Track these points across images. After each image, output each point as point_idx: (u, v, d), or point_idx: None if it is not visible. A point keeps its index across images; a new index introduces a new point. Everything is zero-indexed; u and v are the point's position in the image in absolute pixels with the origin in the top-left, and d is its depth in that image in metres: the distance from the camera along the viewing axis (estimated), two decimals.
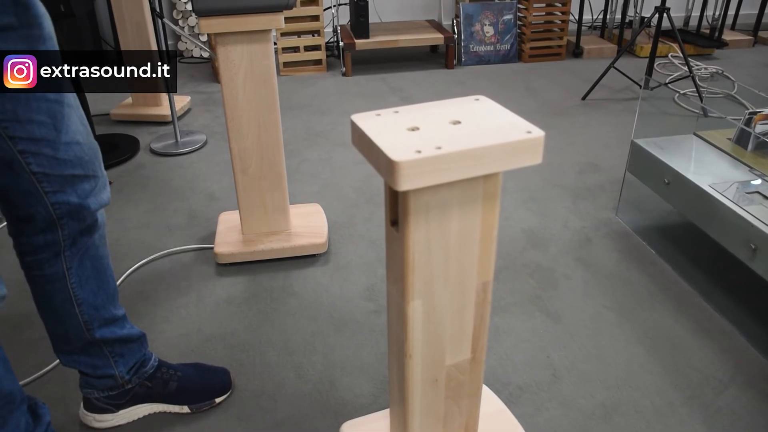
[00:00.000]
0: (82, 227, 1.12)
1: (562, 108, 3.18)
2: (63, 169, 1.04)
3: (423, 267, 0.91)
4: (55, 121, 1.01)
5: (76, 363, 1.27)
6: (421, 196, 0.84)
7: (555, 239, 2.04)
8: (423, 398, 1.07)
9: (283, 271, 1.89)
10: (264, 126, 1.79)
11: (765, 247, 1.53)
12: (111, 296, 1.23)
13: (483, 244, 0.94)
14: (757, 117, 1.95)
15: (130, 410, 1.37)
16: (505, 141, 0.82)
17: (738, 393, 1.46)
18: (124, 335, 1.28)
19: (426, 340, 0.99)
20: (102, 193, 1.13)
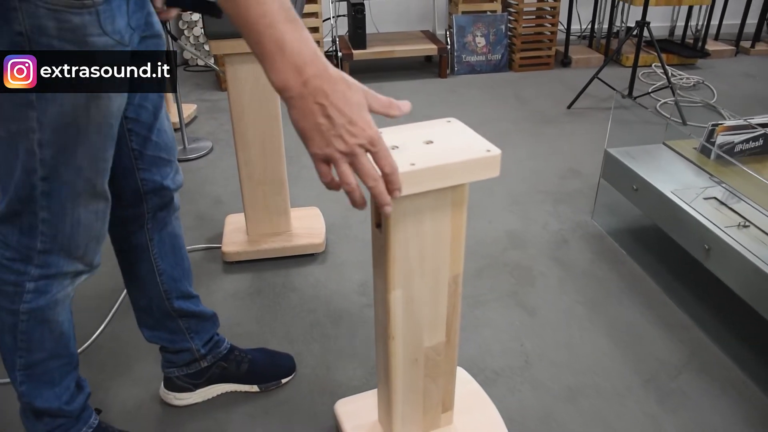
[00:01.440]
0: (161, 203, 1.31)
1: (549, 116, 3.36)
2: (153, 150, 1.24)
3: (402, 262, 1.09)
4: (155, 110, 1.22)
5: (157, 338, 1.45)
6: (399, 203, 1.02)
7: (534, 240, 2.22)
8: (405, 376, 1.24)
9: (285, 268, 2.07)
10: (267, 137, 1.97)
11: (717, 247, 1.70)
12: (186, 272, 1.42)
13: (453, 243, 1.12)
14: (718, 128, 2.13)
15: (206, 389, 1.55)
16: (468, 158, 1.00)
17: (690, 377, 1.63)
18: (199, 311, 1.46)
19: (406, 324, 1.17)
20: (177, 176, 1.33)
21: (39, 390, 1.22)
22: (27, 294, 1.12)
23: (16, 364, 1.19)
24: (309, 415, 1.52)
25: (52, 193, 1.03)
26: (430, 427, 1.37)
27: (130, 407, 1.55)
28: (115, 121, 1.05)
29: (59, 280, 1.13)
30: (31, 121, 0.96)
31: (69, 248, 1.10)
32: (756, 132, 2.10)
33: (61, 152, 1.00)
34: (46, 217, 1.06)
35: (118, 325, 1.82)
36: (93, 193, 1.08)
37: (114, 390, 1.60)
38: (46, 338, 1.18)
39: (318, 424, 1.50)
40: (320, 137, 0.81)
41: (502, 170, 1.06)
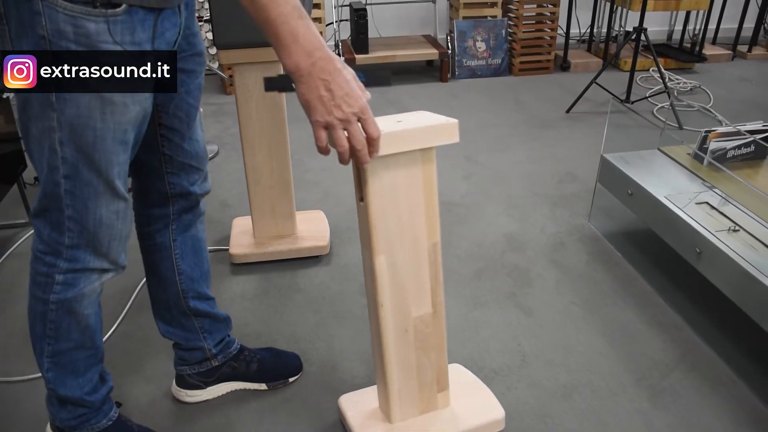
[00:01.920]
0: (187, 207, 1.40)
1: (547, 120, 3.43)
2: (183, 157, 1.33)
3: (383, 229, 1.21)
4: (189, 120, 1.31)
5: (172, 334, 1.52)
6: (375, 168, 1.16)
7: (532, 243, 2.29)
8: (397, 346, 1.33)
9: (290, 270, 2.13)
10: (274, 142, 2.03)
11: (707, 250, 1.77)
12: (204, 274, 1.50)
13: (427, 212, 1.25)
14: (711, 135, 2.19)
15: (216, 387, 1.62)
16: (428, 125, 1.16)
17: (681, 376, 1.70)
18: (213, 313, 1.54)
19: (393, 291, 1.27)
20: (204, 183, 1.42)
21: (63, 378, 1.30)
22: (56, 285, 1.19)
23: (45, 350, 1.27)
24: (314, 411, 1.59)
25: (75, 191, 1.11)
26: (427, 408, 1.44)
27: (143, 403, 1.62)
28: (131, 127, 1.11)
29: (86, 275, 1.20)
30: (52, 120, 1.05)
31: (94, 245, 1.17)
32: (747, 138, 2.17)
33: (80, 152, 1.08)
34: (72, 215, 1.13)
35: (131, 325, 1.89)
36: (113, 194, 1.15)
37: (127, 387, 1.67)
38: (73, 329, 1.25)
39: (323, 419, 1.56)
40: (323, 106, 1.01)
41: (499, 173, 1.19)
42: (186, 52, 1.23)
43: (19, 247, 2.30)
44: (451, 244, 2.28)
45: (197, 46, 1.26)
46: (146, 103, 1.13)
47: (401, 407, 1.41)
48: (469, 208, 2.53)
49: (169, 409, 1.60)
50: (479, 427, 1.46)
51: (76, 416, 1.35)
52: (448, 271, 2.13)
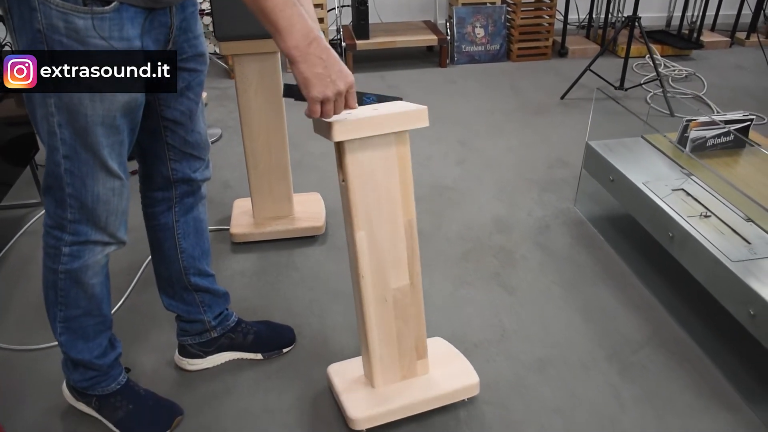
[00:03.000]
0: (189, 191, 1.53)
1: (541, 107, 3.52)
2: (185, 147, 1.46)
3: (362, 204, 1.35)
4: (191, 114, 1.43)
5: (174, 307, 1.65)
6: (353, 149, 1.29)
7: (519, 226, 2.40)
8: (377, 314, 1.46)
9: (288, 249, 2.26)
10: (272, 129, 2.14)
11: (679, 235, 1.87)
12: (205, 253, 1.63)
13: (403, 191, 1.38)
14: (692, 124, 2.29)
15: (215, 357, 1.75)
16: (400, 111, 1.29)
17: (650, 352, 1.81)
18: (213, 289, 1.67)
19: (373, 265, 1.40)
20: (205, 171, 1.54)
21: (74, 342, 1.44)
22: (63, 257, 1.32)
23: (57, 316, 1.40)
24: (306, 379, 1.71)
25: (74, 170, 1.23)
26: (408, 375, 1.57)
27: (149, 371, 1.75)
28: (120, 114, 1.22)
29: (89, 248, 1.33)
30: (51, 106, 1.17)
31: (93, 220, 1.30)
32: (724, 129, 2.26)
33: (76, 134, 1.20)
34: (72, 192, 1.26)
35: (137, 299, 2.02)
36: (107, 173, 1.26)
37: (133, 356, 1.80)
38: (80, 297, 1.38)
39: (313, 387, 1.69)
40: (320, 83, 1.15)
41: (491, 159, 1.34)
42: (188, 53, 1.35)
43: (32, 225, 2.43)
44: (441, 227, 2.40)
45: (199, 48, 1.38)
46: (135, 94, 1.23)
47: (383, 373, 1.54)
48: (461, 192, 2.64)
49: (172, 376, 1.74)
50: (455, 391, 1.58)
51: (88, 378, 1.49)
52: (437, 251, 2.25)
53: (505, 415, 1.61)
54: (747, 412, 1.61)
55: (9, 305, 2.01)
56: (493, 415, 1.60)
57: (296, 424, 1.58)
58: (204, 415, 1.61)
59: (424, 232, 2.35)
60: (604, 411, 1.62)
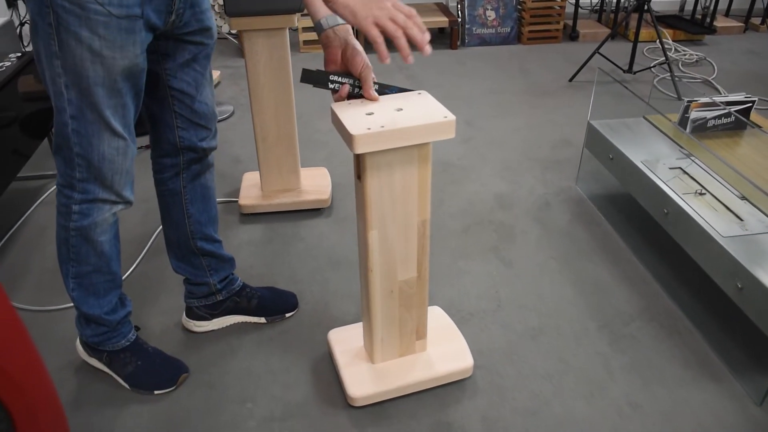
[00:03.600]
0: (195, 158, 1.59)
1: (549, 89, 3.55)
2: (191, 116, 1.52)
3: (377, 206, 1.34)
4: (197, 85, 1.49)
5: (182, 270, 1.73)
6: (373, 157, 1.27)
7: (520, 202, 2.45)
8: (383, 305, 1.50)
9: (293, 221, 2.33)
10: (280, 103, 2.21)
11: (673, 211, 1.92)
12: (212, 219, 1.70)
13: (420, 192, 1.37)
14: (693, 104, 2.32)
15: (220, 319, 1.83)
16: (427, 122, 1.25)
17: (641, 324, 1.87)
18: (219, 253, 1.74)
19: (382, 259, 1.42)
20: (212, 140, 1.60)
21: (86, 298, 1.52)
22: (74, 215, 1.40)
23: (69, 272, 1.49)
24: (307, 343, 1.79)
25: (80, 130, 1.30)
26: (405, 352, 1.63)
27: (158, 332, 1.84)
28: (121, 78, 1.28)
29: (98, 206, 1.40)
30: (57, 67, 1.24)
31: (100, 178, 1.37)
32: (724, 110, 2.29)
33: (82, 95, 1.27)
34: (79, 152, 1.33)
35: (148, 265, 2.11)
36: (112, 133, 1.33)
37: (144, 318, 1.88)
38: (90, 254, 1.46)
39: (314, 351, 1.77)
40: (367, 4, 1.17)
41: (496, 138, 1.33)
42: (194, 27, 1.41)
43: (49, 195, 2.52)
44: (444, 202, 2.46)
45: (205, 22, 1.44)
46: (138, 59, 1.30)
47: (383, 351, 1.60)
48: (465, 170, 2.69)
49: (180, 337, 1.82)
50: (450, 373, 1.64)
51: (98, 334, 1.58)
52: (439, 225, 2.31)
53: (496, 380, 1.67)
54: (733, 383, 1.66)
55: (27, 270, 2.10)
56: (484, 380, 1.67)
57: (295, 384, 1.66)
58: (208, 374, 1.69)
59: None
60: (592, 378, 1.68)
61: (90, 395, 1.64)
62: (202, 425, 1.55)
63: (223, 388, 1.65)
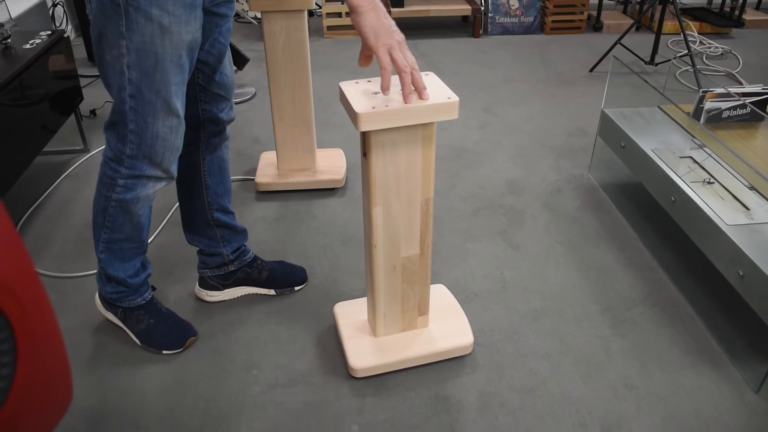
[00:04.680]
0: (215, 131, 1.65)
1: (568, 78, 3.55)
2: (213, 88, 1.58)
3: (381, 183, 1.38)
4: (220, 57, 1.55)
5: (197, 242, 1.81)
6: (378, 136, 1.31)
7: (531, 188, 2.48)
8: (385, 280, 1.55)
9: (308, 199, 2.39)
10: (297, 84, 2.26)
11: (681, 198, 1.94)
12: (227, 191, 1.77)
13: (424, 171, 1.41)
14: (708, 95, 2.32)
15: (231, 290, 1.90)
16: (431, 103, 1.27)
17: (644, 310, 1.89)
18: (233, 225, 1.81)
19: (386, 236, 1.47)
20: (231, 111, 1.66)
21: (112, 261, 1.61)
22: (118, 188, 1.47)
23: (101, 237, 1.57)
24: (314, 315, 1.85)
25: (138, 108, 1.36)
26: (408, 327, 1.68)
27: (172, 300, 1.91)
28: (185, 53, 1.35)
29: (143, 182, 1.47)
30: (122, 47, 1.30)
31: (150, 156, 1.43)
32: (739, 101, 2.29)
33: (144, 75, 1.33)
34: (134, 129, 1.39)
35: (166, 237, 2.18)
36: (168, 111, 1.39)
37: (159, 287, 1.96)
38: (126, 224, 1.54)
39: (320, 323, 1.82)
40: (386, 33, 1.24)
41: (512, 125, 1.38)
42: None
43: (74, 170, 2.61)
44: (455, 186, 2.49)
45: None
46: (197, 33, 1.37)
47: (385, 326, 1.65)
48: (479, 155, 2.72)
49: (193, 306, 1.89)
50: (450, 349, 1.68)
51: (118, 292, 1.67)
52: (449, 208, 2.35)
53: (495, 357, 1.71)
54: (731, 370, 1.68)
55: (51, 239, 2.19)
56: (484, 357, 1.71)
57: (300, 354, 1.72)
58: (217, 341, 1.76)
59: (439, 190, 2.45)
60: (591, 359, 1.71)
61: (105, 355, 1.71)
62: (209, 389, 1.62)
63: (230, 355, 1.72)
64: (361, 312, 1.75)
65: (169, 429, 1.52)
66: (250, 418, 1.54)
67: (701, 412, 1.56)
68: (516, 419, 1.54)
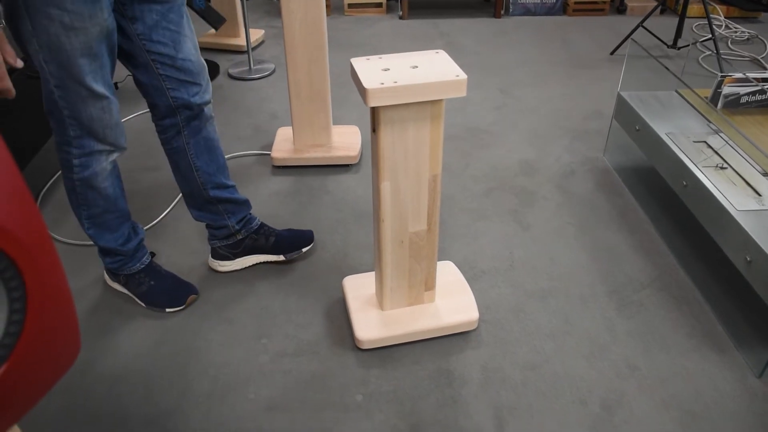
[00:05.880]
0: (191, 115, 1.65)
1: (588, 61, 3.52)
2: (178, 75, 1.57)
3: (390, 159, 1.41)
4: (175, 44, 1.53)
5: (202, 217, 1.85)
6: (386, 112, 1.33)
7: (544, 170, 2.48)
8: (393, 254, 1.58)
9: (322, 175, 2.42)
10: (314, 61, 2.28)
11: (692, 183, 1.93)
12: (220, 168, 1.78)
13: (432, 148, 1.43)
14: (726, 80, 2.30)
15: (242, 259, 1.94)
16: (439, 80, 1.29)
17: (651, 293, 1.90)
18: (233, 198, 1.84)
19: (393, 211, 1.50)
20: (204, 95, 1.64)
21: (101, 234, 1.67)
22: (75, 167, 1.54)
23: (82, 215, 1.64)
24: (324, 288, 1.89)
25: (66, 96, 1.42)
26: (414, 302, 1.71)
27: (186, 270, 1.96)
28: (96, 44, 1.38)
29: (95, 157, 1.53)
30: (35, 45, 1.34)
31: (92, 134, 1.49)
32: (758, 86, 2.27)
33: (60, 67, 1.37)
34: (69, 114, 1.45)
35: (180, 211, 2.23)
36: (93, 96, 1.43)
37: (174, 257, 2.01)
38: (97, 198, 1.60)
39: (329, 295, 1.86)
40: None
41: (529, 107, 1.39)
42: None
43: None
44: (469, 165, 2.51)
45: None
46: (106, 22, 1.38)
47: (392, 300, 1.69)
48: (494, 135, 2.73)
49: (205, 274, 1.94)
50: (455, 325, 1.71)
51: (116, 261, 1.74)
52: (461, 187, 2.37)
53: (500, 334, 1.74)
54: (735, 355, 1.69)
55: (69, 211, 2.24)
56: (489, 334, 1.74)
57: (308, 325, 1.76)
58: (229, 310, 1.81)
59: (452, 169, 2.47)
60: (595, 340, 1.73)
61: (119, 321, 1.77)
62: (219, 356, 1.67)
63: (241, 324, 1.76)
64: (369, 285, 1.79)
65: (179, 393, 1.57)
66: (258, 386, 1.58)
67: (702, 395, 1.57)
68: (517, 395, 1.57)
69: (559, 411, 1.53)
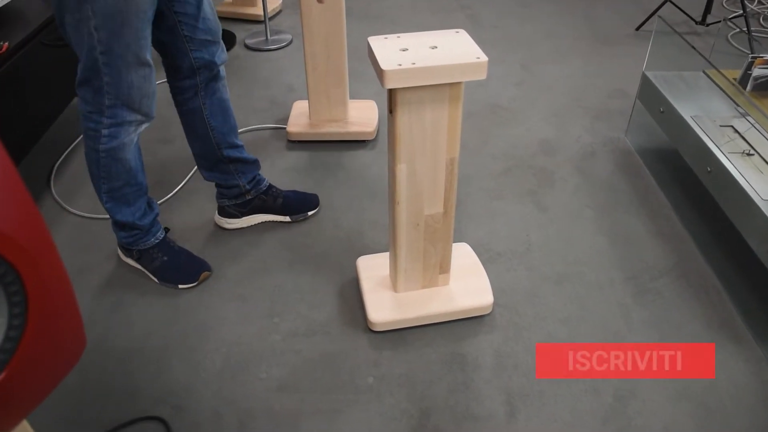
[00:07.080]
0: (210, 75, 1.70)
1: (613, 37, 3.43)
2: (200, 35, 1.61)
3: (406, 141, 1.38)
4: (198, 4, 1.57)
5: (213, 177, 1.88)
6: (404, 93, 1.30)
7: (564, 150, 2.44)
8: (408, 236, 1.56)
9: (338, 150, 2.39)
10: (331, 34, 2.23)
11: (717, 169, 1.88)
12: (232, 128, 1.83)
13: (450, 131, 1.40)
14: (756, 61, 2.23)
15: (249, 218, 1.98)
16: (458, 62, 1.26)
17: (669, 281, 1.87)
18: (244, 158, 1.88)
19: (409, 193, 1.47)
20: (222, 54, 1.71)
21: (119, 207, 1.68)
22: (103, 138, 1.54)
23: (102, 188, 1.64)
24: (337, 267, 1.87)
25: (110, 63, 1.42)
26: (428, 284, 1.70)
27: (193, 227, 2.01)
28: (149, 7, 1.41)
29: (125, 128, 1.54)
30: (87, 11, 1.35)
31: (128, 103, 1.50)
32: None
33: (112, 34, 1.38)
34: (109, 81, 1.45)
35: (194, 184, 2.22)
36: (139, 62, 1.45)
37: (184, 216, 2.05)
38: (120, 171, 1.61)
39: (343, 275, 1.85)
40: None
41: (549, 83, 1.35)
42: None
43: None
44: (488, 143, 2.46)
45: None
46: None
47: (405, 282, 1.67)
48: (513, 113, 2.68)
49: (212, 231, 1.98)
50: (468, 309, 1.70)
51: (131, 236, 1.75)
52: (479, 165, 2.33)
53: (514, 318, 1.72)
54: (753, 346, 1.66)
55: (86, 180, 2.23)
56: (503, 318, 1.72)
57: (321, 304, 1.75)
58: (243, 287, 1.80)
59: (470, 147, 2.43)
60: (609, 327, 1.71)
61: (132, 296, 1.78)
62: (231, 334, 1.67)
63: (253, 302, 1.76)
64: (383, 266, 1.77)
65: (191, 369, 1.57)
66: (269, 365, 1.58)
67: (717, 387, 1.55)
68: (530, 381, 1.56)
69: (572, 400, 1.52)
